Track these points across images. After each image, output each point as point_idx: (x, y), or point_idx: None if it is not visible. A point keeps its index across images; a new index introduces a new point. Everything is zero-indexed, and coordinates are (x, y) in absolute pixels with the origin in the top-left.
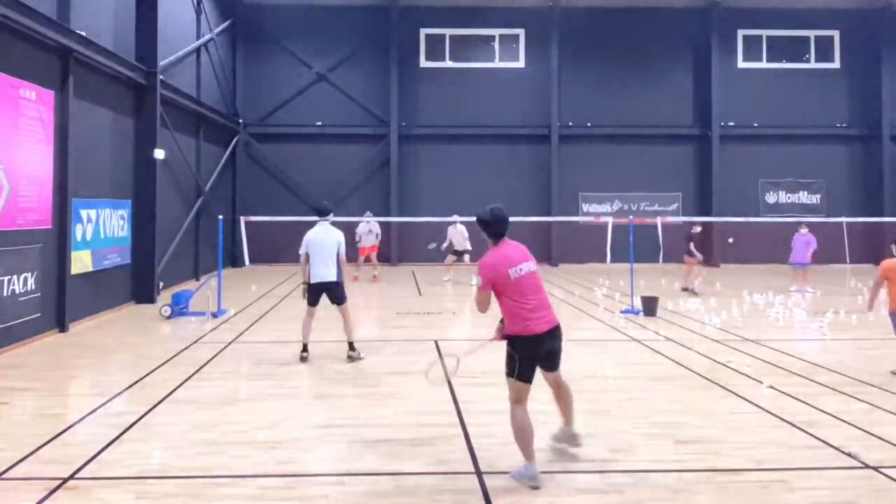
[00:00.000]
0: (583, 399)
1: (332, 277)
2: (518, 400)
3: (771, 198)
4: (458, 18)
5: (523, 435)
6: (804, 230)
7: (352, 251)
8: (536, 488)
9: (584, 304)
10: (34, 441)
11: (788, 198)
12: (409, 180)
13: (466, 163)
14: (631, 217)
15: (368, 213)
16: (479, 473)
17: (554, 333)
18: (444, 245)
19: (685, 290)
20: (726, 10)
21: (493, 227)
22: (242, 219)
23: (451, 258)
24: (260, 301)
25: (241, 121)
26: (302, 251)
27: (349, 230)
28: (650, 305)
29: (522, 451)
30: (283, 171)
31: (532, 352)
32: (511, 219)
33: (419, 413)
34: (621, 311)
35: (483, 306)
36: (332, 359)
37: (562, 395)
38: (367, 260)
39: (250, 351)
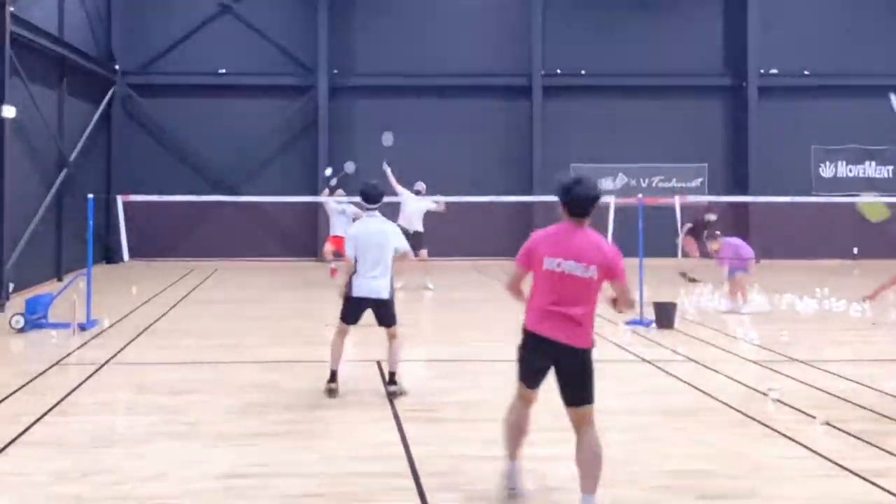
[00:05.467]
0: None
1: (382, 293)
2: (519, 398)
3: (827, 170)
4: None
5: (506, 430)
6: None
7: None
8: (512, 489)
9: None
10: None
11: (850, 170)
12: (344, 147)
13: (420, 123)
14: (640, 196)
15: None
16: None
17: (558, 348)
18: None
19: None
20: None
21: (566, 202)
22: (120, 198)
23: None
24: (144, 308)
25: (117, 68)
26: (350, 251)
27: (269, 213)
28: (666, 314)
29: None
30: (175, 135)
31: (529, 352)
32: (481, 198)
33: (358, 459)
34: (626, 323)
35: (513, 284)
36: (242, 385)
37: (582, 451)
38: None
39: (131, 375)
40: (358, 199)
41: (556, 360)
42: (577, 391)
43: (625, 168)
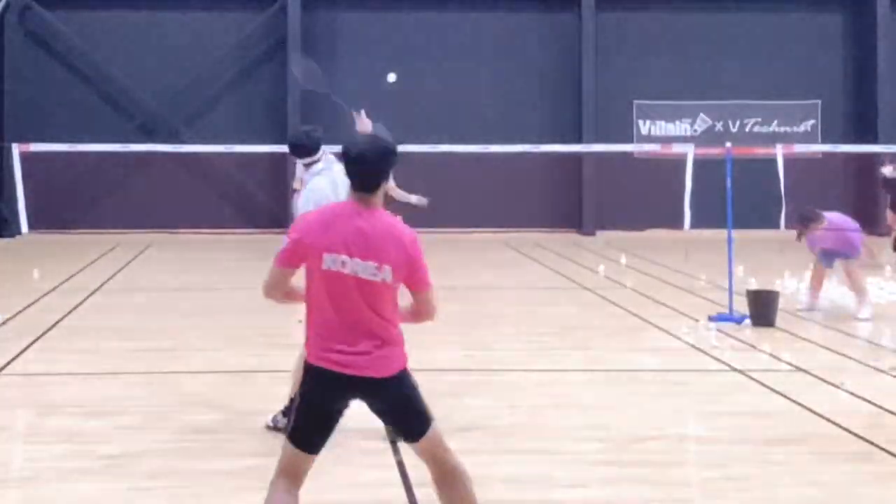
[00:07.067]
0: (643, 477)
1: None
2: (283, 471)
3: None
4: None
5: None
6: None
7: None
8: None
9: (643, 304)
10: None
11: None
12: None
13: (425, 45)
14: (728, 144)
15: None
16: None
17: (362, 385)
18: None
19: None
20: None
21: (347, 172)
22: (16, 147)
23: None
24: (49, 299)
25: None
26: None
27: (220, 169)
28: (764, 307)
29: None
30: (93, 62)
31: (314, 397)
32: (510, 148)
33: (347, 502)
34: (711, 318)
35: (271, 291)
36: (185, 404)
37: (447, 488)
38: None
39: (32, 390)
40: None
41: (363, 400)
42: (412, 422)
43: (706, 106)
